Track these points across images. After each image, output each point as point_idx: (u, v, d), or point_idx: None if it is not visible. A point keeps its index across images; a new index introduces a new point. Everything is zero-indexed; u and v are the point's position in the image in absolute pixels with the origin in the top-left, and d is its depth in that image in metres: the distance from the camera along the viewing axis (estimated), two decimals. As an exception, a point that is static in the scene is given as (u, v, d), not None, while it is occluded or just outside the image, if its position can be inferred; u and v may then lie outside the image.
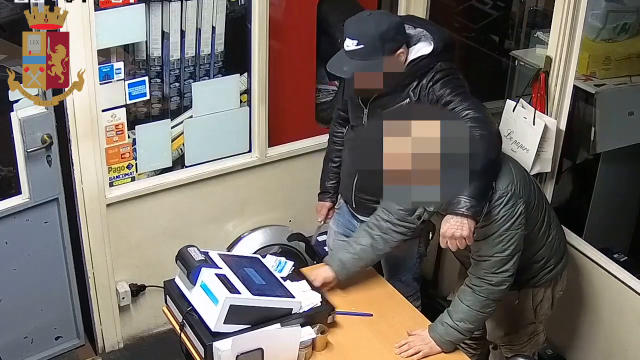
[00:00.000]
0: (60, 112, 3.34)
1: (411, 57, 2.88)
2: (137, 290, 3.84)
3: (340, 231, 3.36)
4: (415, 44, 2.90)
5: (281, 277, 2.92)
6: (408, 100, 2.90)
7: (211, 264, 2.76)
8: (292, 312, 2.75)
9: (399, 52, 2.83)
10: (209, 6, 3.54)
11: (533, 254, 2.83)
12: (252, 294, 2.67)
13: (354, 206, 3.22)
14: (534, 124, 3.13)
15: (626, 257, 3.35)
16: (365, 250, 2.93)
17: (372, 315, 2.92)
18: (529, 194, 2.68)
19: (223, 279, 2.68)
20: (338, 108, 3.30)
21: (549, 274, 2.91)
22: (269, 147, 3.91)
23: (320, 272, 2.96)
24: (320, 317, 2.79)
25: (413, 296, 3.27)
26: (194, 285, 2.71)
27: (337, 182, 3.33)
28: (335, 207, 3.39)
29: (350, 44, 2.79)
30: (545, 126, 3.12)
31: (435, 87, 2.83)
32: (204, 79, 3.67)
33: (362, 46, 2.77)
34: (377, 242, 2.91)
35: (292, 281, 2.92)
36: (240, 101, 3.79)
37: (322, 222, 3.45)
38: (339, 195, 3.36)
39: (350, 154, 3.18)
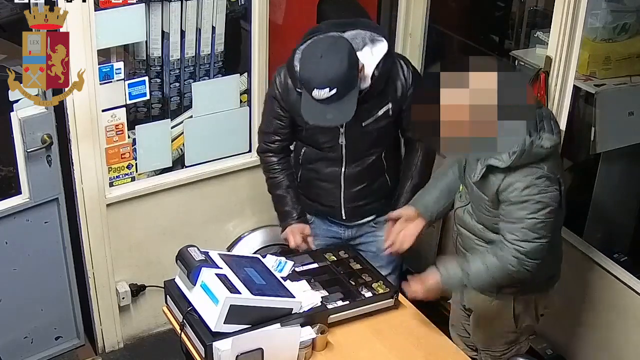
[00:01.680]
0: (60, 112, 3.34)
1: (371, 63, 2.84)
2: (137, 290, 3.84)
3: (323, 243, 3.27)
4: (362, 49, 2.85)
5: (281, 277, 2.92)
6: (390, 105, 2.91)
7: (211, 264, 2.76)
8: (292, 312, 2.75)
9: (359, 68, 2.79)
10: (209, 6, 3.54)
11: None
12: (253, 294, 2.67)
13: (344, 217, 3.20)
14: (534, 124, 3.13)
15: (626, 257, 3.35)
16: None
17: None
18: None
19: (223, 279, 2.68)
20: (274, 139, 3.13)
21: (533, 288, 2.87)
22: (269, 147, 3.91)
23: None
24: (320, 317, 2.79)
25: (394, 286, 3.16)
26: (194, 285, 2.71)
27: (298, 203, 3.18)
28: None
29: (321, 94, 2.70)
30: (546, 126, 3.11)
31: (409, 83, 2.91)
32: (204, 79, 3.67)
33: (335, 90, 2.70)
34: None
35: (292, 281, 2.92)
36: (240, 101, 3.79)
37: (302, 246, 3.16)
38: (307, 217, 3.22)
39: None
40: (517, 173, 2.57)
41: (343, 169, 3.07)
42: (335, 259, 3.13)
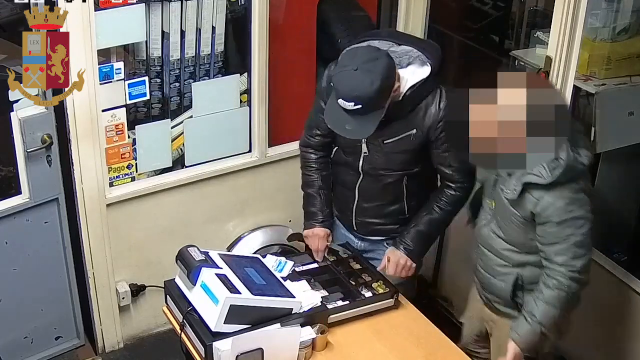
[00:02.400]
0: (60, 112, 3.34)
1: (408, 83, 2.78)
2: (137, 290, 3.84)
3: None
4: (406, 66, 2.80)
5: (281, 277, 2.92)
6: (415, 131, 2.83)
7: (211, 264, 2.76)
8: (292, 312, 2.75)
9: (394, 89, 2.73)
10: (209, 6, 3.54)
11: None
12: (253, 294, 2.67)
13: (355, 229, 3.16)
14: (534, 124, 3.13)
15: (626, 257, 3.35)
16: None
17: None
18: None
19: (223, 279, 2.68)
20: (314, 134, 3.09)
21: None
22: (269, 147, 3.91)
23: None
24: (320, 317, 2.79)
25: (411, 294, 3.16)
26: (194, 285, 2.71)
27: (328, 206, 3.13)
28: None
29: (347, 105, 2.66)
30: (546, 126, 3.11)
31: (439, 121, 2.80)
32: (204, 79, 3.67)
33: (360, 106, 2.65)
34: None
35: (292, 281, 2.92)
36: (240, 101, 3.79)
37: (320, 254, 3.11)
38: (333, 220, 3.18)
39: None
40: (556, 191, 2.53)
41: (359, 180, 3.02)
42: (335, 258, 3.13)
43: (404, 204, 3.04)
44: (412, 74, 2.79)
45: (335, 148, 3.09)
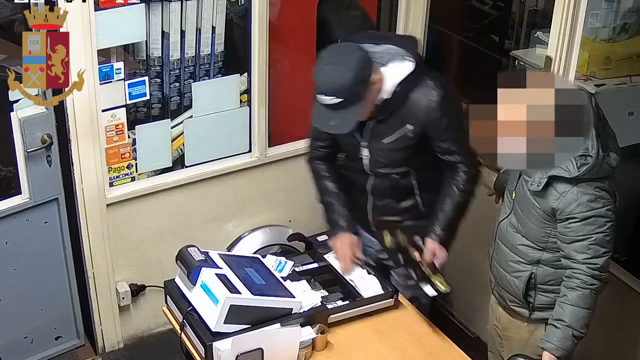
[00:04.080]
0: (60, 112, 3.34)
1: (392, 80, 2.80)
2: (137, 290, 3.84)
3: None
4: (387, 64, 2.81)
5: (281, 277, 2.92)
6: (410, 126, 2.83)
7: (211, 264, 2.76)
8: (292, 312, 2.75)
9: (373, 82, 2.74)
10: (209, 6, 3.54)
11: None
12: (252, 294, 2.67)
13: (373, 229, 3.14)
14: (534, 124, 3.12)
15: (626, 257, 3.35)
16: None
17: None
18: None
19: (223, 279, 2.68)
20: (317, 146, 3.11)
21: None
22: (269, 147, 3.91)
23: None
24: (320, 317, 2.79)
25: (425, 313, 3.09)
26: (194, 285, 2.71)
27: (347, 210, 3.09)
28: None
29: (326, 100, 2.69)
30: (546, 126, 3.11)
31: (436, 109, 2.79)
32: (204, 79, 3.67)
33: (339, 99, 2.67)
34: None
35: (292, 281, 2.92)
36: (240, 101, 3.79)
37: (348, 263, 3.01)
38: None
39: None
40: (580, 187, 2.53)
41: (369, 181, 3.02)
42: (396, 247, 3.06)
43: (417, 199, 3.03)
44: (394, 70, 2.81)
45: (342, 155, 3.10)
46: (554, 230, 2.63)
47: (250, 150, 3.88)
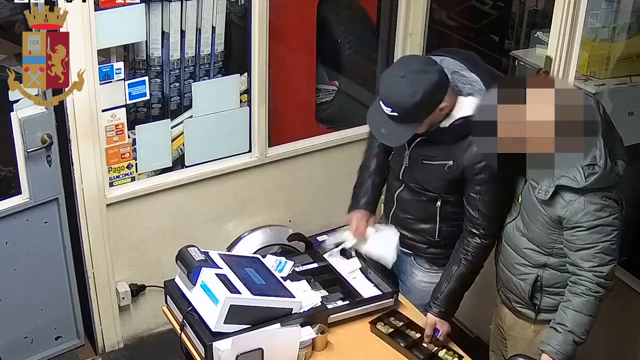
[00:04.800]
0: (60, 112, 3.34)
1: (460, 113, 2.69)
2: (137, 290, 3.84)
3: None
4: (466, 95, 2.71)
5: (281, 277, 2.92)
6: (452, 162, 2.75)
7: (211, 264, 2.76)
8: (292, 312, 2.75)
9: (441, 107, 2.65)
10: (209, 6, 3.54)
11: None
12: (253, 294, 2.67)
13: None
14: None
15: (626, 257, 3.35)
16: None
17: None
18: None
19: (223, 279, 2.68)
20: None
21: None
22: (269, 147, 3.91)
23: None
24: (320, 317, 2.79)
25: None
26: (194, 285, 2.71)
27: (374, 191, 3.05)
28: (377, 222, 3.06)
29: (385, 109, 2.62)
30: (546, 126, 3.11)
31: (481, 160, 2.69)
32: (204, 79, 3.67)
33: (397, 114, 2.60)
34: None
35: (292, 281, 2.92)
36: (240, 101, 3.79)
37: (357, 235, 2.99)
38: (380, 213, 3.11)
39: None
40: (587, 196, 2.53)
41: (399, 188, 2.97)
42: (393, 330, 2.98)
43: (436, 226, 2.94)
44: (468, 106, 2.70)
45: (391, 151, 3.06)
46: (560, 237, 2.62)
47: (250, 150, 3.88)
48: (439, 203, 2.89)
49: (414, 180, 2.90)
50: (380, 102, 2.65)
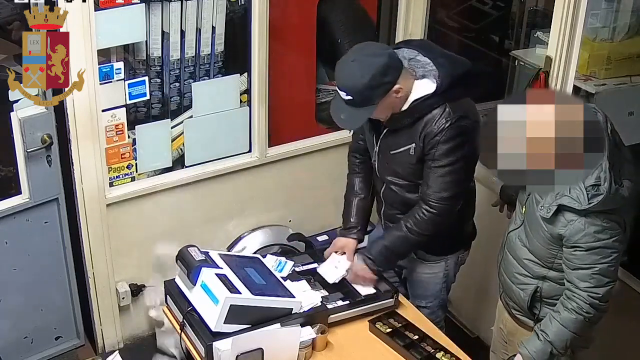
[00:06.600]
0: (60, 112, 3.34)
1: (414, 95, 2.76)
2: (137, 290, 3.84)
3: None
4: (421, 78, 2.77)
5: (281, 277, 2.92)
6: (414, 145, 2.79)
7: (211, 263, 2.76)
8: (292, 312, 2.75)
9: (393, 90, 2.70)
10: (209, 6, 3.54)
11: None
12: (253, 294, 2.67)
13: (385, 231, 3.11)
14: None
15: (626, 257, 3.35)
16: None
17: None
18: None
19: (223, 278, 2.68)
20: (357, 139, 3.12)
21: None
22: (269, 147, 3.91)
23: None
24: (320, 317, 2.79)
25: (437, 325, 3.06)
26: (194, 285, 2.71)
27: (364, 217, 3.10)
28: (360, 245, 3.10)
29: (341, 94, 2.71)
30: (546, 126, 3.11)
31: (438, 133, 2.73)
32: (204, 79, 3.67)
33: (351, 97, 2.68)
34: None
35: (292, 281, 2.92)
36: (240, 101, 3.79)
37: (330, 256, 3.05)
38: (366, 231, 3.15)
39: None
40: (588, 217, 2.50)
41: (383, 187, 3.00)
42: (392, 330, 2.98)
43: None
44: (421, 87, 2.76)
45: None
46: (560, 253, 2.61)
47: (250, 150, 3.88)
48: (419, 191, 2.92)
49: (389, 173, 2.94)
50: (337, 88, 2.73)
